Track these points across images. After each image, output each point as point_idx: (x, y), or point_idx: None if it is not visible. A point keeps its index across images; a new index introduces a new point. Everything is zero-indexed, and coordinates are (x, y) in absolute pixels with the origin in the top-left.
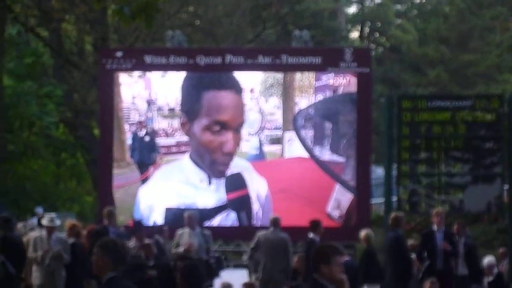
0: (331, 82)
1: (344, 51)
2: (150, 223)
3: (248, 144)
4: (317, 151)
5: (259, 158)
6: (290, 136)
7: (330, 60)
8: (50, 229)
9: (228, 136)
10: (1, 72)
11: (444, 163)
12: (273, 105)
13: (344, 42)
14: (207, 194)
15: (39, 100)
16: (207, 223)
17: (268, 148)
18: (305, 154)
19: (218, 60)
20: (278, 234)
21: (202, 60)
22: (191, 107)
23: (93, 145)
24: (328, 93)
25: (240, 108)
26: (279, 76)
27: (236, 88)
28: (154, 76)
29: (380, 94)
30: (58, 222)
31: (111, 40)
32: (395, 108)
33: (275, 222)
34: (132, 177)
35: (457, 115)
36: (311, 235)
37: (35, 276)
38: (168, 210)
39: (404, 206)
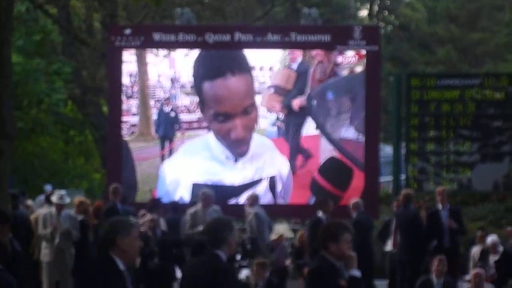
0: (347, 60)
1: (353, 29)
2: (176, 197)
3: (266, 121)
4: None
5: (276, 134)
6: None
7: (339, 38)
8: (60, 207)
9: (234, 123)
10: (9, 49)
11: (452, 141)
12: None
13: (353, 20)
14: (233, 172)
15: (47, 77)
16: (233, 201)
17: None
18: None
19: (227, 37)
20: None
21: (211, 37)
22: (199, 97)
23: (101, 122)
24: (347, 72)
25: (244, 90)
26: None
27: (239, 70)
28: (178, 55)
29: (389, 73)
30: (67, 200)
31: (119, 18)
32: (404, 87)
33: (254, 200)
34: (156, 151)
35: (466, 94)
36: (319, 213)
37: (44, 253)
38: (195, 186)
39: (413, 184)
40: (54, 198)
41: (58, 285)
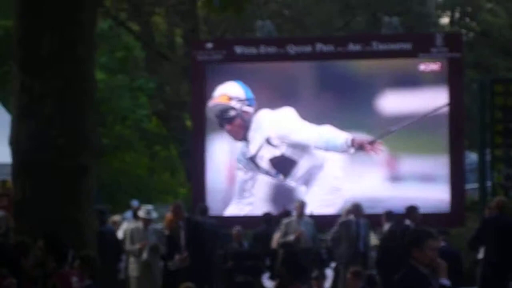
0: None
1: (435, 36)
2: None
3: None
4: None
5: None
6: None
7: (421, 45)
8: (147, 222)
9: None
10: (93, 65)
11: None
12: None
13: (434, 27)
14: None
15: (131, 93)
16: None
17: None
18: None
19: (308, 48)
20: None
21: (292, 49)
22: None
23: (185, 137)
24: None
25: None
26: None
27: None
28: None
29: (471, 80)
30: (154, 215)
31: (201, 32)
32: (487, 93)
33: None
34: None
35: None
36: (407, 221)
37: (132, 268)
38: None
39: (499, 190)
40: (141, 213)
41: None
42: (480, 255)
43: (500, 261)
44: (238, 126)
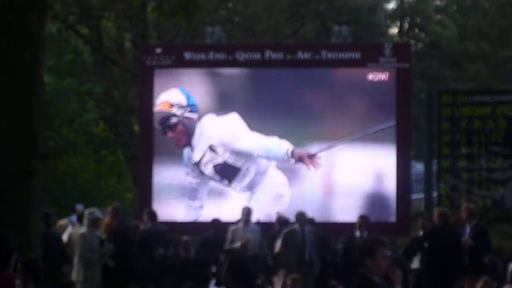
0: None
1: (383, 46)
2: None
3: None
4: None
5: None
6: None
7: (369, 55)
8: (96, 222)
9: None
10: (41, 67)
11: (484, 158)
12: None
13: (383, 37)
14: None
15: (79, 97)
16: None
17: None
18: None
19: (257, 56)
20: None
21: (241, 56)
22: None
23: (133, 142)
24: None
25: None
26: None
27: None
28: None
29: (420, 90)
30: (100, 215)
31: (150, 37)
32: (435, 103)
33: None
34: None
35: (498, 110)
36: (357, 231)
37: (83, 273)
38: None
39: (444, 201)
40: (87, 215)
41: None
42: (414, 264)
43: (442, 271)
44: (180, 133)
